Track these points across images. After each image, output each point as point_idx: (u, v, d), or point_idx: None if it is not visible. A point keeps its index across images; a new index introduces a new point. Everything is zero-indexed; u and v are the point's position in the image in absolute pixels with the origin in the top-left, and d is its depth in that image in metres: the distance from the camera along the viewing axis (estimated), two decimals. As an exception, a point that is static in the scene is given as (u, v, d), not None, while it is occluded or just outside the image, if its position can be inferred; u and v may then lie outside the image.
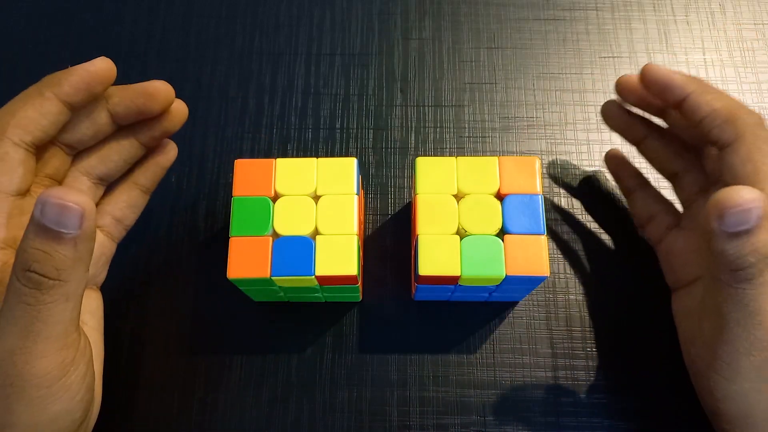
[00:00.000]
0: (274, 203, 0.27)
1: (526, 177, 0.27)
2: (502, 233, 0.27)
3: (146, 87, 0.26)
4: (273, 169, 0.28)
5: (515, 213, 0.27)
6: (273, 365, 0.31)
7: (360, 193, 0.30)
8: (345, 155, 0.35)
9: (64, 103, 0.24)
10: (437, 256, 0.26)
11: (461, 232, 0.27)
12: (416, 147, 0.36)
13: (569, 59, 0.37)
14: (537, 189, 0.27)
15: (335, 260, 0.26)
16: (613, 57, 0.37)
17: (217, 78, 0.37)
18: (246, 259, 0.26)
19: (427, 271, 0.26)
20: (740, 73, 0.37)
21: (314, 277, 0.26)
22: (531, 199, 0.27)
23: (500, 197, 0.27)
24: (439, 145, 0.36)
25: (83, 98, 0.25)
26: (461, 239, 0.27)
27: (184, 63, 0.37)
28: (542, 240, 0.26)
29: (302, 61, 0.37)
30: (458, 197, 0.28)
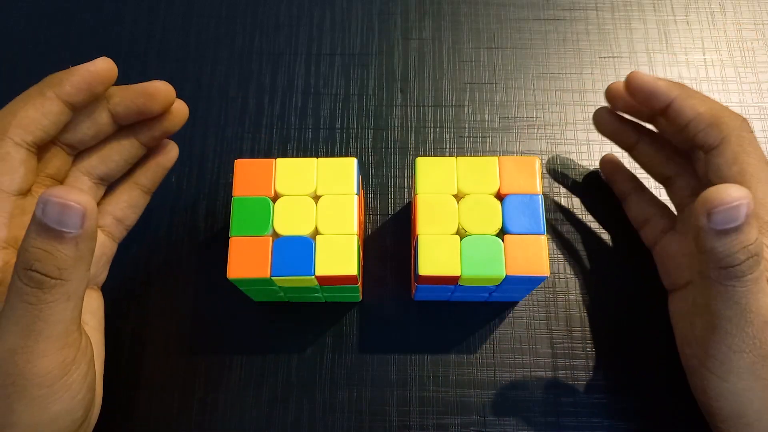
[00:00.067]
0: (274, 203, 0.27)
1: (526, 177, 0.28)
2: (502, 233, 0.27)
3: (147, 87, 0.26)
4: (273, 169, 0.28)
5: (515, 213, 0.27)
6: (273, 365, 0.31)
7: (360, 193, 0.30)
8: (345, 155, 0.35)
9: (66, 103, 0.25)
10: (437, 256, 0.26)
11: (461, 232, 0.27)
12: (416, 147, 0.36)
13: (569, 59, 0.37)
14: (537, 189, 0.27)
15: (335, 260, 0.26)
16: (613, 57, 0.38)
17: (217, 78, 0.37)
18: (246, 259, 0.26)
19: (427, 271, 0.26)
20: (740, 73, 0.37)
21: (314, 277, 0.26)
22: (531, 199, 0.27)
23: (500, 197, 0.27)
24: (439, 145, 0.36)
25: (84, 98, 0.25)
26: (461, 239, 0.27)
27: (184, 63, 0.37)
28: (542, 240, 0.27)
29: (302, 61, 0.37)
30: (458, 197, 0.28)
